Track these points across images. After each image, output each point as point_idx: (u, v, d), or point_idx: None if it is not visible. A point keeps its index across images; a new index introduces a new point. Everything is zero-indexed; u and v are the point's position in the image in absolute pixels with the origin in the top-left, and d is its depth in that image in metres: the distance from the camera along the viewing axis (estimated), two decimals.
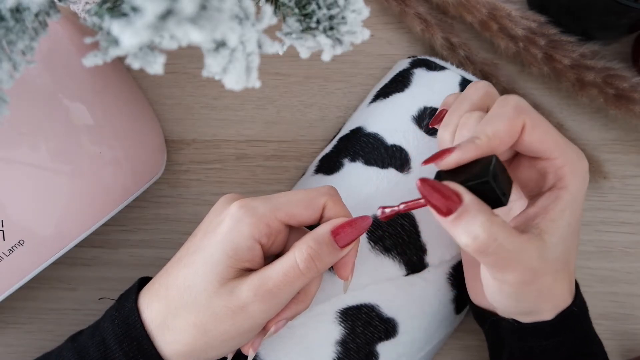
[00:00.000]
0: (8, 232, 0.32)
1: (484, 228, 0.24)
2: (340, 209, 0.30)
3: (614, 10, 0.35)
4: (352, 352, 0.34)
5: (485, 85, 0.30)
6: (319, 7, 0.23)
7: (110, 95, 0.37)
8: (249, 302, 0.27)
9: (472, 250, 0.25)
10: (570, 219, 0.27)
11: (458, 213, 0.25)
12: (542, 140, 0.27)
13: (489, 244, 0.24)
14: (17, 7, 0.21)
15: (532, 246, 0.26)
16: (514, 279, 0.26)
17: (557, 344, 0.30)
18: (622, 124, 0.41)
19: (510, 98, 0.27)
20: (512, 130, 0.26)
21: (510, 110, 0.27)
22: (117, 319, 0.29)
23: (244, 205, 0.29)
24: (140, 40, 0.16)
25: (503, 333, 0.32)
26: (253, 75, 0.20)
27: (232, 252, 0.28)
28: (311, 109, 0.43)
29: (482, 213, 0.25)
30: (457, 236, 0.25)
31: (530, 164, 0.28)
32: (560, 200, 0.27)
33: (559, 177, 0.27)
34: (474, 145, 0.26)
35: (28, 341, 0.41)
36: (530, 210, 0.28)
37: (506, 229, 0.25)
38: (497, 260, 0.26)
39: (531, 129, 0.27)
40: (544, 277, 0.27)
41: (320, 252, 0.28)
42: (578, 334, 0.30)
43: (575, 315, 0.29)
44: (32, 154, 0.33)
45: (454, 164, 0.26)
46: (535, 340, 0.30)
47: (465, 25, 0.42)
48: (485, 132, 0.26)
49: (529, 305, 0.29)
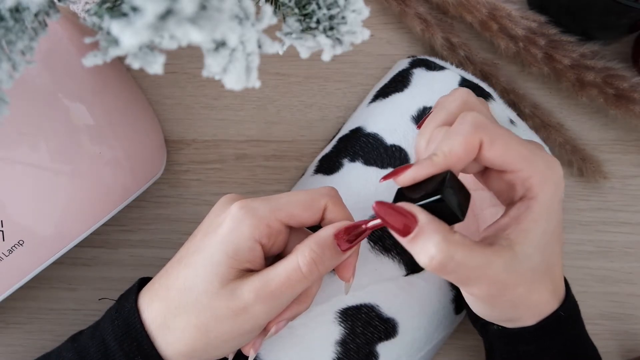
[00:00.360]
0: (8, 232, 0.32)
1: (439, 248, 0.24)
2: (341, 211, 0.30)
3: (614, 10, 0.35)
4: (352, 352, 0.34)
5: (463, 94, 0.30)
6: (319, 7, 0.23)
7: (110, 95, 0.37)
8: (250, 303, 0.27)
9: (431, 270, 0.25)
10: (545, 227, 0.27)
11: (414, 233, 0.25)
12: (502, 155, 0.27)
13: (445, 263, 0.25)
14: (17, 7, 0.21)
15: (499, 259, 0.26)
16: (480, 293, 0.26)
17: (544, 348, 0.30)
18: (622, 124, 0.41)
19: (469, 115, 0.27)
20: (469, 147, 0.26)
21: (467, 128, 0.26)
22: (117, 319, 0.29)
23: (245, 205, 0.29)
24: (140, 40, 0.16)
25: (491, 337, 0.32)
26: (253, 75, 0.20)
27: (232, 253, 0.28)
28: (311, 109, 0.43)
29: (437, 233, 0.25)
30: (415, 256, 0.25)
31: (498, 176, 0.28)
32: (531, 210, 0.27)
33: (526, 187, 0.27)
34: (431, 162, 0.26)
35: (28, 341, 0.41)
36: (502, 221, 0.28)
37: (465, 246, 0.25)
38: (459, 277, 0.26)
39: (489, 145, 0.26)
40: (514, 288, 0.26)
41: (322, 255, 0.28)
42: (567, 338, 0.30)
43: (563, 319, 0.29)
44: (32, 154, 0.33)
45: (410, 180, 0.26)
46: (520, 345, 0.30)
47: (465, 25, 0.42)
48: (442, 149, 0.26)
49: (504, 315, 0.29)
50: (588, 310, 0.40)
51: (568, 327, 0.30)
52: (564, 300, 0.29)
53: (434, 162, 0.26)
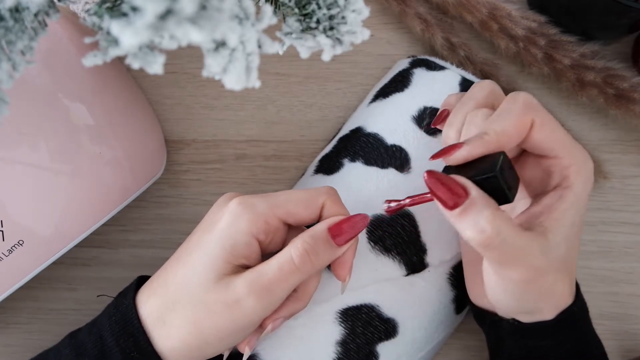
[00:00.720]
0: (8, 232, 0.32)
1: (489, 222, 0.24)
2: (338, 209, 0.30)
3: (614, 10, 0.35)
4: (352, 352, 0.34)
5: (490, 84, 0.30)
6: (319, 7, 0.23)
7: (110, 95, 0.37)
8: (243, 296, 0.27)
9: (477, 243, 0.25)
10: (574, 219, 0.27)
11: (464, 206, 0.25)
12: (549, 139, 0.27)
13: (493, 238, 0.24)
14: (17, 7, 0.21)
15: (536, 244, 0.26)
16: (517, 276, 0.26)
17: (557, 344, 0.30)
18: (622, 124, 0.41)
19: (520, 95, 0.27)
20: (521, 127, 0.26)
21: (520, 107, 0.27)
22: (114, 315, 0.30)
23: (243, 202, 0.29)
24: (140, 40, 0.16)
25: (503, 333, 0.32)
26: (253, 75, 0.20)
27: (229, 248, 0.28)
28: (311, 109, 0.43)
29: (488, 207, 0.25)
30: (462, 230, 0.25)
31: (536, 162, 0.28)
32: (565, 199, 0.27)
33: (564, 176, 0.27)
34: (483, 141, 0.26)
35: (28, 341, 0.41)
36: (534, 209, 0.28)
37: (511, 224, 0.25)
38: (501, 256, 0.26)
39: (540, 127, 0.27)
40: (546, 275, 0.27)
41: (316, 247, 0.28)
42: (578, 334, 0.30)
43: (576, 315, 0.29)
44: (32, 154, 0.33)
45: (462, 159, 0.26)
46: (535, 340, 0.30)
47: (465, 25, 0.42)
48: (493, 128, 0.26)
49: (530, 304, 0.29)
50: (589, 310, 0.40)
51: (580, 323, 0.30)
52: (575, 297, 0.29)
53: (486, 141, 0.26)
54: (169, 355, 0.29)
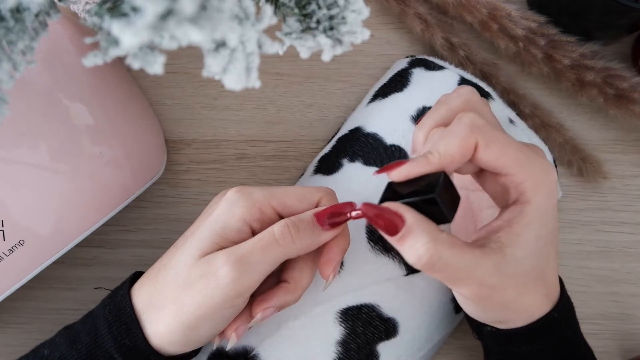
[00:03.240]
0: (8, 232, 0.32)
1: (426, 248, 0.25)
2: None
3: (614, 10, 0.35)
4: (352, 352, 0.34)
5: (467, 93, 0.30)
6: (319, 7, 0.23)
7: (110, 95, 0.37)
8: (219, 267, 0.27)
9: (420, 268, 0.25)
10: (539, 232, 0.27)
11: (402, 233, 0.25)
12: (497, 158, 0.27)
13: (433, 262, 0.25)
14: (17, 7, 0.21)
15: (488, 261, 0.26)
16: (468, 294, 0.27)
17: (537, 350, 0.30)
18: (622, 124, 0.41)
19: (466, 116, 0.27)
20: (464, 148, 0.26)
21: (464, 129, 0.27)
22: (109, 304, 0.30)
23: (240, 190, 0.30)
24: (140, 40, 0.16)
25: (486, 338, 0.32)
26: (253, 75, 0.20)
27: (220, 230, 0.28)
28: (311, 109, 0.43)
29: (425, 233, 0.25)
30: (404, 255, 0.26)
31: (493, 179, 0.28)
32: (525, 214, 0.27)
33: (520, 192, 0.27)
34: (426, 160, 0.26)
35: (28, 341, 0.41)
36: (494, 223, 0.28)
37: (453, 246, 0.25)
38: (447, 277, 0.26)
39: (485, 148, 0.27)
40: (504, 291, 0.27)
41: (298, 225, 0.28)
42: (561, 339, 0.30)
43: (556, 321, 0.29)
44: (32, 154, 0.33)
45: (403, 177, 0.27)
46: (514, 346, 0.30)
47: (465, 25, 0.42)
48: (437, 148, 0.26)
49: (495, 316, 0.29)
50: (588, 310, 0.40)
51: (561, 329, 0.30)
52: (557, 302, 0.29)
53: (429, 161, 0.26)
54: (155, 339, 0.29)
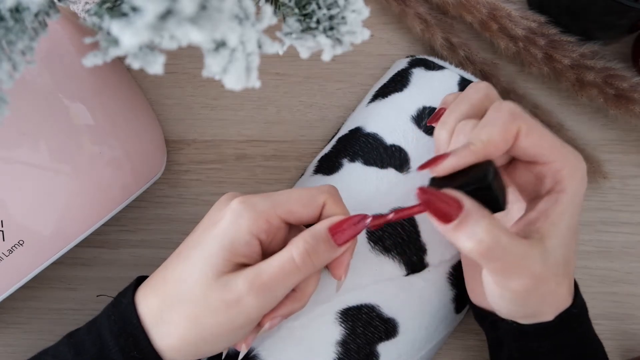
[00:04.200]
0: (8, 232, 0.32)
1: (487, 231, 0.24)
2: (339, 208, 0.30)
3: (614, 10, 0.35)
4: (352, 352, 0.34)
5: (485, 87, 0.30)
6: (319, 7, 0.23)
7: (110, 95, 0.37)
8: (243, 295, 0.27)
9: (478, 255, 0.25)
10: (569, 222, 0.27)
11: (460, 219, 0.25)
12: (537, 145, 0.27)
13: (493, 248, 0.24)
14: (17, 7, 0.21)
15: (535, 251, 0.26)
16: (518, 286, 0.26)
17: (557, 345, 0.30)
18: (622, 124, 0.41)
19: (505, 104, 0.27)
20: (507, 135, 0.26)
21: (505, 116, 0.27)
22: (113, 314, 0.30)
23: (245, 201, 0.29)
24: (140, 40, 0.16)
25: (502, 334, 0.32)
26: (253, 75, 0.20)
27: (229, 246, 0.28)
28: (311, 109, 0.43)
29: (484, 217, 0.25)
30: (460, 242, 0.25)
31: (527, 168, 0.28)
32: (560, 203, 0.27)
33: (556, 180, 0.27)
34: (469, 150, 0.26)
35: (28, 341, 0.41)
36: (530, 215, 0.28)
37: (509, 233, 0.25)
38: (502, 266, 0.26)
39: (526, 135, 0.27)
40: (546, 282, 0.27)
41: (317, 247, 0.28)
42: (578, 335, 0.30)
43: (575, 316, 0.29)
44: (32, 154, 0.33)
45: (449, 170, 0.26)
46: (534, 342, 0.30)
47: (465, 25, 0.42)
48: (480, 137, 0.26)
49: (531, 310, 0.29)
50: (588, 310, 0.40)
51: (580, 324, 0.30)
52: (575, 297, 0.29)
53: (473, 151, 0.26)
54: (168, 353, 0.29)
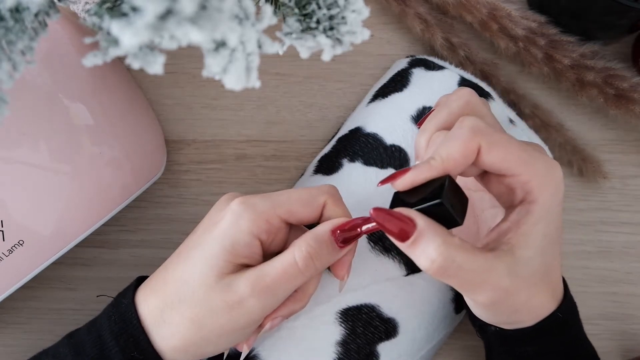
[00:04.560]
0: (8, 232, 0.32)
1: (439, 251, 0.24)
2: (340, 209, 0.30)
3: (614, 10, 0.35)
4: (352, 352, 0.34)
5: (467, 95, 0.30)
6: (319, 7, 0.23)
7: (110, 95, 0.37)
8: (245, 297, 0.27)
9: (432, 273, 0.25)
10: (545, 231, 0.27)
11: (413, 238, 0.25)
12: (502, 159, 0.27)
13: (447, 267, 0.25)
14: (17, 7, 0.21)
15: (501, 264, 0.26)
16: (483, 299, 0.26)
17: (542, 349, 0.30)
18: (622, 124, 0.41)
19: (467, 120, 0.27)
20: (467, 152, 0.26)
21: (465, 133, 0.27)
22: (114, 315, 0.29)
23: (245, 201, 0.29)
24: (140, 40, 0.16)
25: (490, 338, 0.32)
26: (253, 75, 0.20)
27: (230, 247, 0.28)
28: (311, 109, 0.43)
29: (437, 236, 0.25)
30: (416, 260, 0.25)
31: (497, 180, 0.28)
32: (532, 214, 0.27)
33: (526, 191, 0.27)
34: (428, 166, 0.26)
35: (28, 341, 0.41)
36: (502, 226, 0.28)
37: (465, 249, 0.25)
38: (461, 282, 0.26)
39: (488, 150, 0.26)
40: (517, 294, 0.26)
41: (319, 251, 0.28)
42: (564, 339, 0.30)
43: (561, 321, 0.29)
44: (32, 154, 0.33)
45: (408, 185, 0.27)
46: (518, 346, 0.30)
47: (465, 25, 0.42)
48: (439, 153, 0.26)
49: (505, 319, 0.29)
50: (588, 310, 0.40)
51: (566, 328, 0.30)
52: (561, 302, 0.29)
53: (432, 166, 0.26)
54: (169, 354, 0.29)
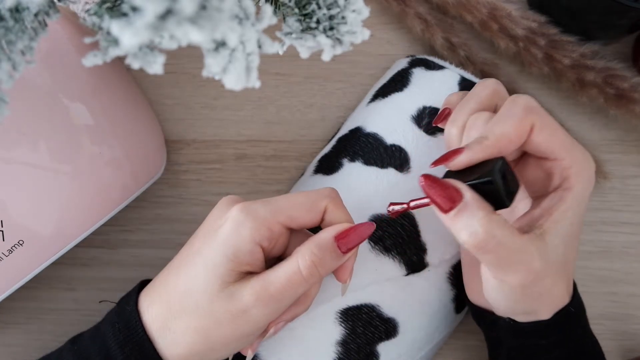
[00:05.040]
0: (8, 232, 0.32)
1: (481, 224, 0.24)
2: (341, 213, 0.30)
3: (614, 10, 0.35)
4: (352, 352, 0.34)
5: (494, 83, 0.30)
6: (319, 7, 0.23)
7: (110, 95, 0.37)
8: (250, 306, 0.27)
9: (471, 247, 0.25)
10: (572, 220, 0.27)
11: (458, 209, 0.25)
12: (550, 141, 0.27)
13: (487, 241, 0.24)
14: (17, 7, 0.21)
15: (534, 247, 0.26)
16: (514, 281, 0.26)
17: (554, 343, 0.30)
18: (622, 124, 0.41)
19: (520, 98, 0.27)
20: (521, 130, 0.26)
21: (520, 111, 0.27)
22: (118, 322, 0.29)
23: (245, 208, 0.28)
24: (140, 40, 0.16)
25: (500, 332, 0.32)
26: (253, 75, 0.20)
27: (232, 256, 0.28)
28: (311, 109, 0.43)
29: (481, 210, 0.25)
30: (456, 233, 0.25)
31: (537, 164, 0.28)
32: (564, 201, 0.27)
33: (564, 177, 0.27)
34: (483, 145, 0.26)
35: (28, 341, 0.41)
36: (534, 212, 0.28)
37: (506, 227, 0.25)
38: (497, 259, 0.26)
39: (539, 130, 0.27)
40: (544, 279, 0.27)
41: (323, 258, 0.28)
42: (574, 334, 0.30)
43: (572, 315, 0.29)
44: (32, 154, 0.33)
45: (464, 164, 0.26)
46: (532, 340, 0.30)
47: (465, 25, 0.42)
48: (493, 132, 0.26)
49: (527, 306, 0.29)
50: (588, 310, 0.40)
51: (576, 323, 0.30)
52: (572, 296, 0.29)
53: (486, 145, 0.26)
54: None
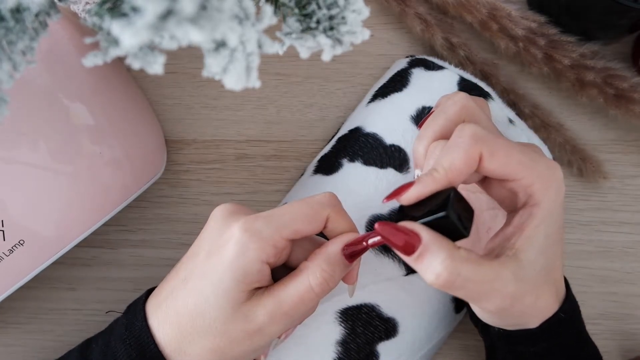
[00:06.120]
0: (8, 232, 0.32)
1: (445, 266, 0.24)
2: (344, 221, 0.30)
3: (614, 10, 0.35)
4: (352, 352, 0.34)
5: (462, 99, 0.30)
6: (319, 7, 0.23)
7: (110, 95, 0.37)
8: (265, 325, 0.27)
9: (438, 287, 0.25)
10: (547, 231, 0.27)
11: (419, 252, 0.25)
12: (505, 164, 0.27)
13: (453, 281, 0.24)
14: (17, 8, 0.21)
15: (507, 270, 0.26)
16: (491, 307, 0.26)
17: (546, 349, 0.30)
18: (622, 124, 0.41)
19: (466, 128, 0.27)
20: (469, 160, 0.26)
21: (466, 141, 0.26)
22: (128, 339, 0.29)
23: (249, 229, 0.28)
24: (140, 40, 0.16)
25: (493, 338, 0.32)
26: (253, 75, 0.20)
27: (242, 278, 0.27)
28: (311, 109, 0.43)
29: (442, 250, 0.24)
30: (422, 274, 0.25)
31: (500, 185, 0.28)
32: (534, 217, 0.27)
33: (528, 194, 0.27)
34: (432, 178, 0.26)
35: (28, 341, 0.41)
36: (506, 230, 0.28)
37: (470, 261, 0.25)
38: (467, 293, 0.26)
39: (489, 157, 0.26)
40: (523, 298, 0.26)
41: (333, 273, 0.28)
42: (567, 338, 0.30)
43: (563, 321, 0.29)
44: (32, 154, 0.33)
45: (414, 199, 0.26)
46: (523, 346, 0.30)
47: (465, 25, 0.42)
48: (442, 164, 0.26)
49: (512, 322, 0.29)
50: (588, 310, 0.40)
51: (569, 328, 0.30)
52: (563, 301, 0.29)
53: (436, 179, 0.26)
54: None
